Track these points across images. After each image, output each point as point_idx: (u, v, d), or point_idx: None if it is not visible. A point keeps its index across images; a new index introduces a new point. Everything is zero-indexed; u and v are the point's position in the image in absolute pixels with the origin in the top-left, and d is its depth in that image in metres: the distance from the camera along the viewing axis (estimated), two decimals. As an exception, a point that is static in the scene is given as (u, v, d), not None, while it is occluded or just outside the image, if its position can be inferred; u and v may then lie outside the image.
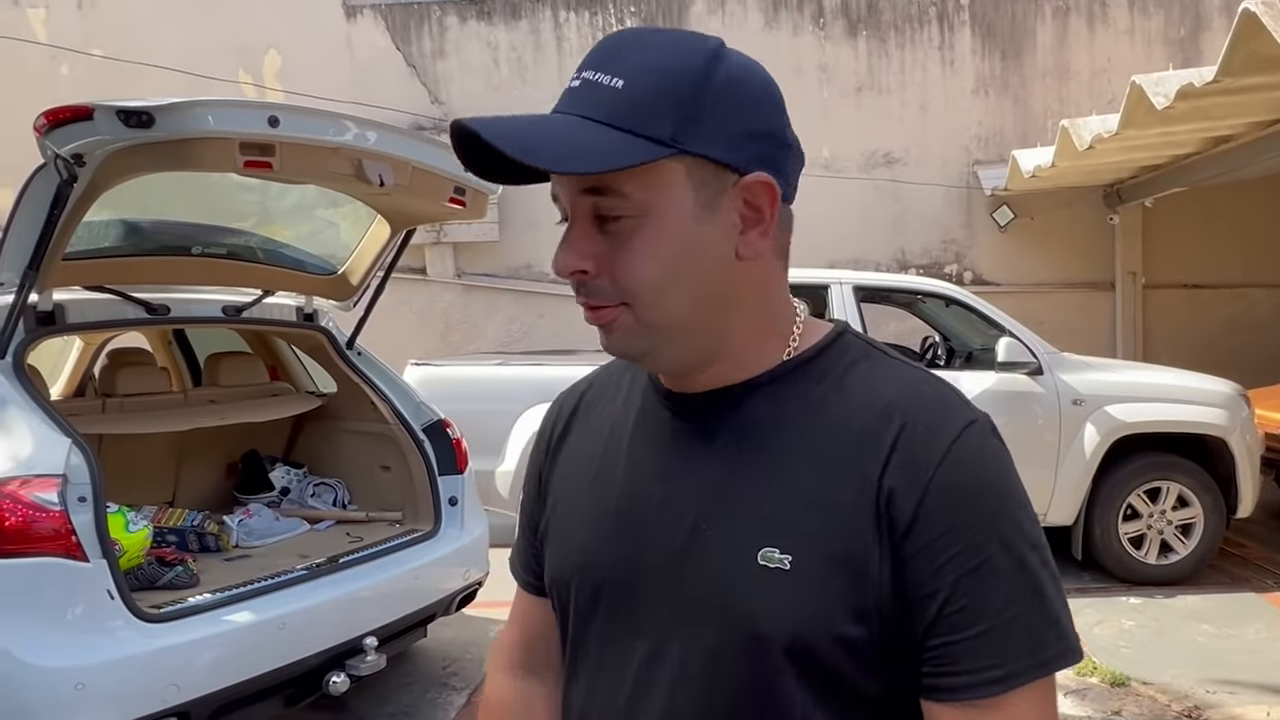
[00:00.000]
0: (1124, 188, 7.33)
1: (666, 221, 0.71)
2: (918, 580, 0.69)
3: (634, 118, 0.69)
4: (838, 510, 0.71)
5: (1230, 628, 4.16)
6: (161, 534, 3.27)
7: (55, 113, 2.30)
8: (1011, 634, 0.68)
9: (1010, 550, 0.69)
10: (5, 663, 2.33)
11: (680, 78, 0.70)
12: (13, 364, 2.65)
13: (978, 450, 0.72)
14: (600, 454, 0.85)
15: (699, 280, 0.73)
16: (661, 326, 0.73)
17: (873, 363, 0.78)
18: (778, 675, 0.71)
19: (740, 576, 0.72)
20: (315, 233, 3.67)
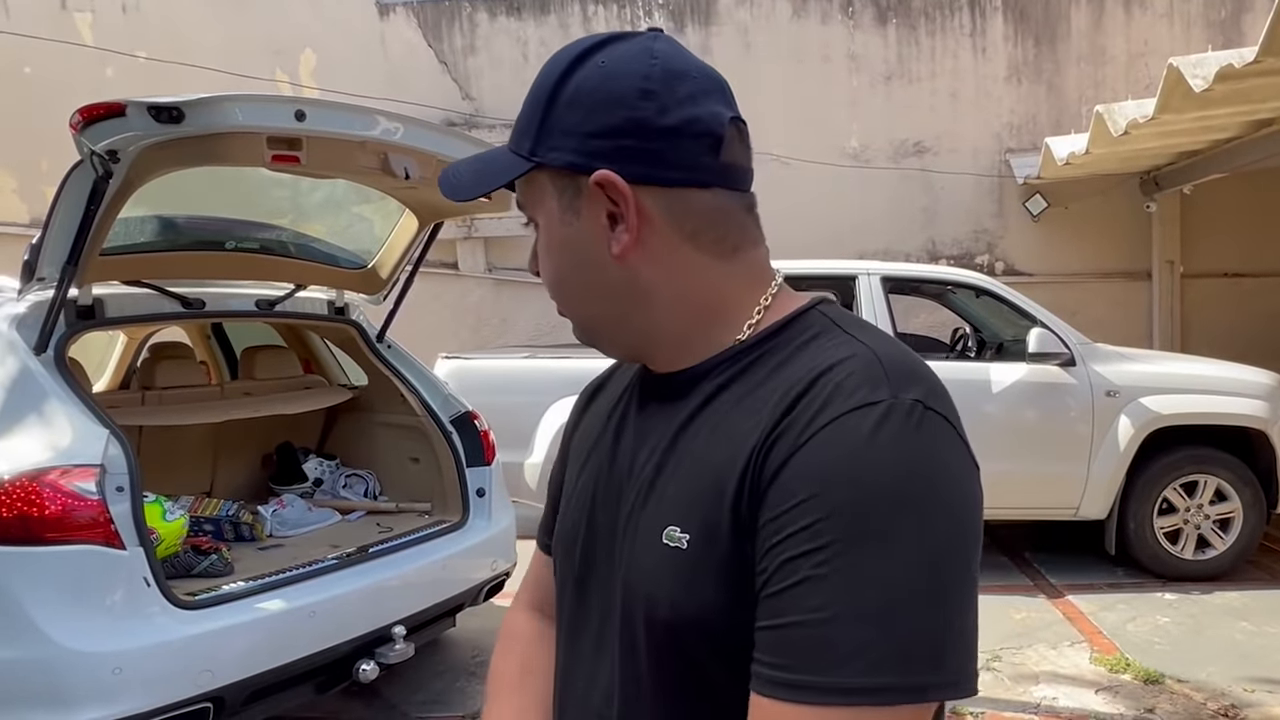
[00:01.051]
0: (1161, 174, 7.17)
1: (547, 229, 0.78)
2: (757, 553, 0.64)
3: (516, 139, 0.77)
4: (727, 485, 0.67)
5: (1270, 625, 4.08)
6: (198, 523, 3.34)
7: (89, 110, 2.35)
8: (819, 639, 0.59)
9: (864, 547, 0.59)
10: (46, 647, 2.40)
11: (539, 93, 0.75)
12: (54, 357, 2.72)
13: (874, 427, 0.62)
14: (598, 435, 0.88)
15: (582, 280, 0.77)
16: (579, 320, 0.81)
17: (828, 337, 0.72)
18: (685, 658, 0.69)
19: (649, 557, 0.72)
20: (345, 227, 3.72)
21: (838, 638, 0.58)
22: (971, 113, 7.78)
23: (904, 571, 0.59)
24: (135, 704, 2.46)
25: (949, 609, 0.60)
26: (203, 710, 2.61)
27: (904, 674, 0.58)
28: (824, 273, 5.23)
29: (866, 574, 0.59)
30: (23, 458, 2.52)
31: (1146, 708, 3.33)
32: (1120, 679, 3.56)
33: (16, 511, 2.44)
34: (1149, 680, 3.53)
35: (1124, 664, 3.66)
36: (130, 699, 2.46)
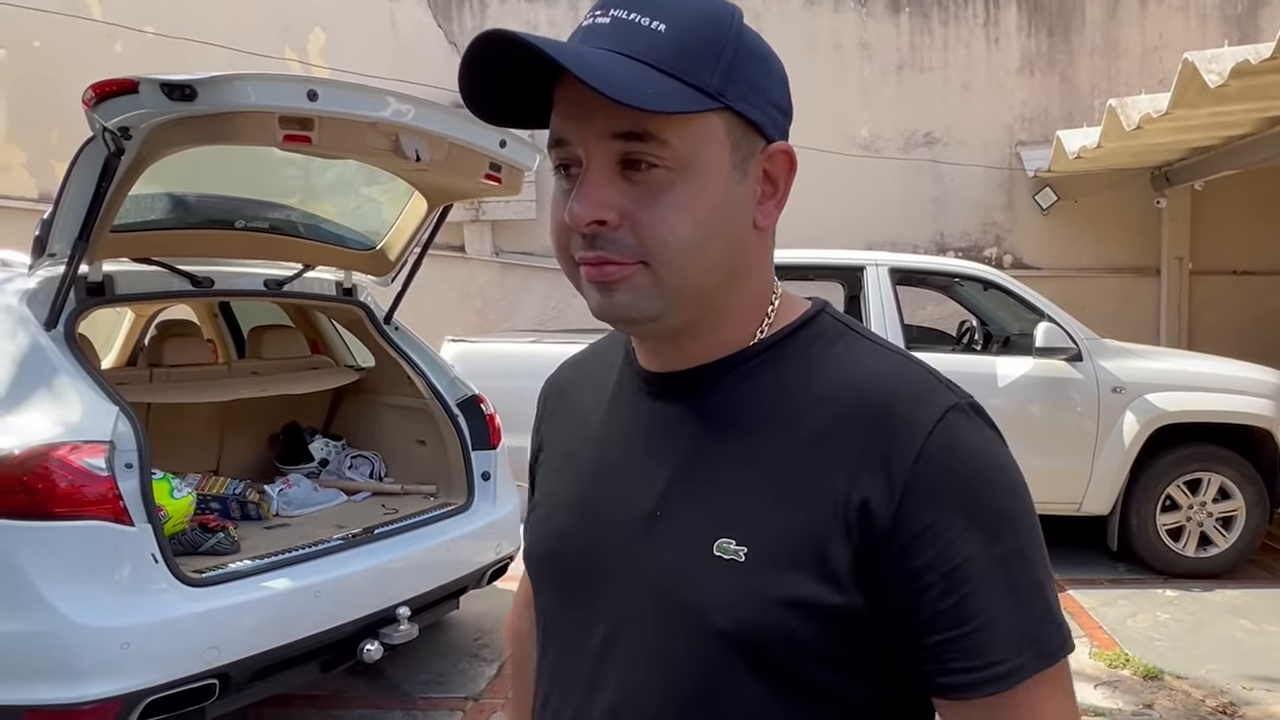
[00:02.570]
0: (1172, 170, 7.14)
1: (704, 178, 0.68)
2: (905, 576, 0.66)
3: (681, 64, 0.65)
4: (802, 501, 0.68)
5: (1270, 624, 4.09)
6: (205, 501, 3.35)
7: (102, 86, 2.34)
8: (1010, 626, 0.65)
9: (999, 540, 0.66)
10: (55, 621, 2.42)
11: (720, 30, 0.68)
12: (64, 333, 2.73)
13: (959, 437, 0.67)
14: (578, 434, 0.84)
15: (725, 244, 0.70)
16: (680, 290, 0.69)
17: (849, 344, 0.74)
18: (728, 667, 0.69)
19: (694, 565, 0.69)
20: (354, 208, 3.72)
21: (1022, 619, 0.66)
22: (983, 104, 7.74)
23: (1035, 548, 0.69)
24: (142, 679, 2.48)
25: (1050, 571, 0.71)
26: (208, 687, 2.63)
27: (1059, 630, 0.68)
28: (832, 263, 5.22)
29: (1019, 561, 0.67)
30: (33, 433, 2.53)
31: (1145, 704, 3.34)
32: (1120, 674, 3.58)
33: (26, 486, 2.45)
34: (1148, 676, 3.54)
35: (1124, 659, 3.67)
36: (137, 674, 2.48)
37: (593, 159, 0.68)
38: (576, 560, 0.78)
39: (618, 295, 0.69)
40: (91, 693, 2.44)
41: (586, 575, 0.77)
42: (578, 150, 0.68)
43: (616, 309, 0.70)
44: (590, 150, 0.68)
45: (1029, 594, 0.66)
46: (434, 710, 3.36)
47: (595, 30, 0.67)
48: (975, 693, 0.65)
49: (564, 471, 0.84)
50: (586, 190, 0.67)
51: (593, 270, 0.69)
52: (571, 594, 0.79)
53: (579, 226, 0.68)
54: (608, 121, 0.66)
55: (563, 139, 0.69)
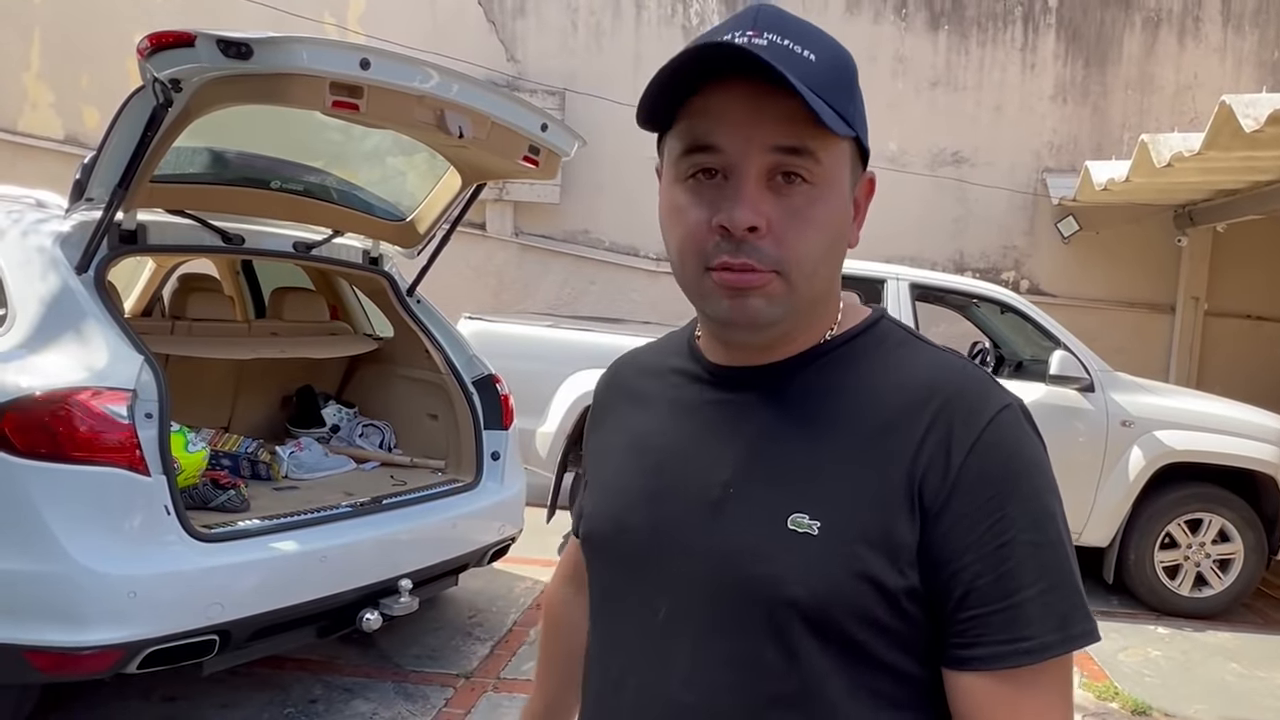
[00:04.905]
0: (1196, 210, 7.13)
1: (837, 197, 0.76)
2: (948, 555, 0.72)
3: (829, 92, 0.71)
4: (870, 483, 0.73)
5: (1260, 669, 4.10)
6: (217, 458, 3.36)
7: (159, 37, 2.34)
8: (1043, 609, 0.71)
9: (1040, 529, 0.72)
10: (65, 564, 2.43)
11: (850, 69, 0.77)
12: (94, 279, 2.74)
13: (1011, 434, 0.74)
14: (640, 423, 0.88)
15: (839, 259, 0.79)
16: (804, 298, 0.76)
17: (912, 348, 0.81)
18: (798, 637, 0.73)
19: (768, 540, 0.74)
20: (388, 178, 3.72)
21: (1056, 603, 0.72)
22: (1013, 127, 7.73)
23: (1064, 535, 0.75)
24: (146, 629, 2.50)
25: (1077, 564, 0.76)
26: (208, 642, 2.65)
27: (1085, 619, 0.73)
28: (853, 273, 5.21)
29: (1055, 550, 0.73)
30: (56, 375, 2.54)
31: (1132, 737, 3.37)
32: (1108, 707, 3.60)
33: (47, 427, 2.46)
34: (1137, 711, 3.56)
35: (1113, 692, 3.69)
36: (142, 623, 2.50)
37: (749, 168, 0.72)
38: (645, 538, 0.82)
39: (752, 301, 0.74)
40: (94, 638, 2.45)
41: (654, 552, 0.81)
42: (732, 158, 0.73)
43: (749, 313, 0.75)
44: (748, 159, 0.72)
45: (1061, 581, 0.72)
46: (425, 685, 3.37)
47: (754, 49, 0.70)
48: (1002, 664, 0.71)
49: (626, 458, 0.87)
50: (747, 196, 0.72)
51: (732, 276, 0.74)
52: (637, 570, 0.82)
53: (738, 230, 0.72)
54: (774, 133, 0.71)
55: (715, 146, 0.73)
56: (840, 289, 0.83)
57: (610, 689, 0.84)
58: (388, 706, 3.20)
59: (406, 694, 3.29)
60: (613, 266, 7.69)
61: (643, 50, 7.59)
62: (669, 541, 0.80)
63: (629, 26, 7.64)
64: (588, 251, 7.67)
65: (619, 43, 7.62)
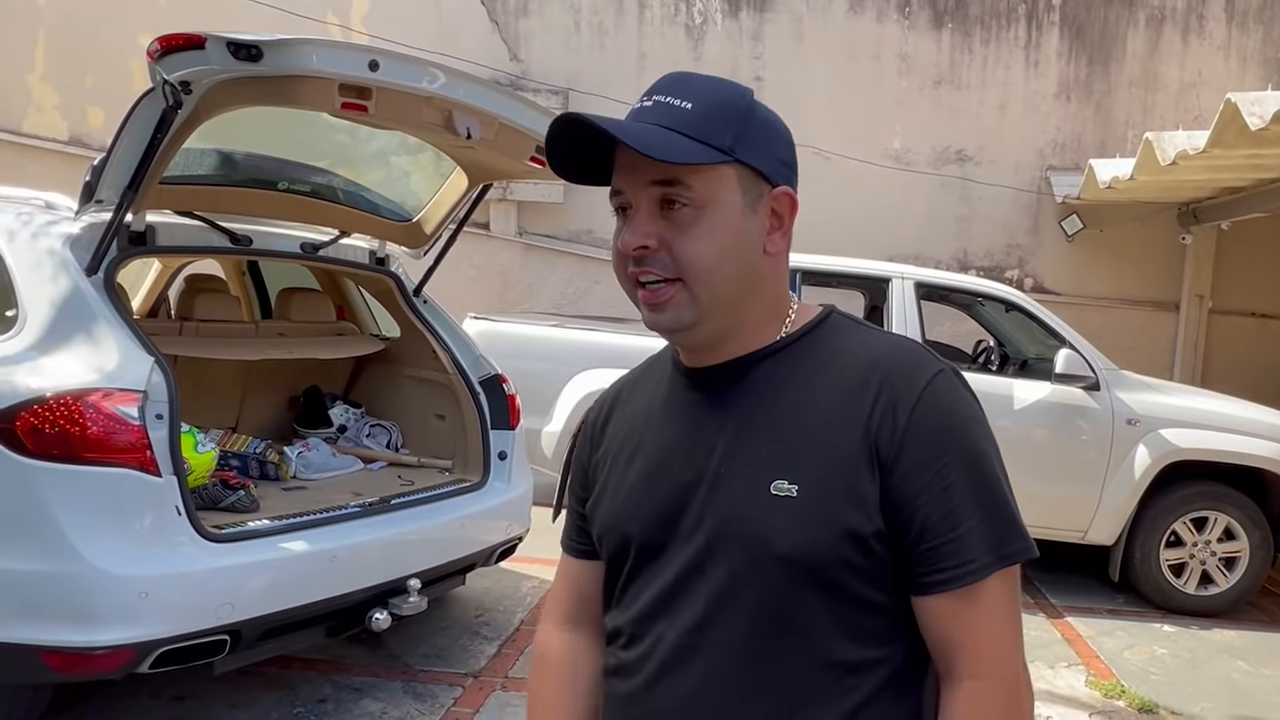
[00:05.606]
0: (1201, 208, 7.12)
1: (721, 213, 0.90)
2: (904, 498, 0.87)
3: (703, 131, 0.88)
4: (834, 448, 0.88)
5: (1266, 668, 4.11)
6: (226, 458, 3.38)
7: (169, 39, 2.35)
8: (981, 536, 0.87)
9: (975, 469, 0.88)
10: (77, 564, 2.44)
11: (735, 106, 0.92)
12: (104, 280, 2.74)
13: (945, 393, 0.90)
14: (639, 432, 1.02)
15: (739, 264, 0.91)
16: (708, 301, 0.90)
17: (857, 333, 0.97)
18: (786, 584, 0.88)
19: (756, 504, 0.89)
20: (394, 179, 3.73)
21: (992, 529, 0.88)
22: (1017, 126, 7.72)
23: (1002, 476, 0.91)
24: (157, 629, 2.51)
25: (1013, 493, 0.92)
26: (219, 642, 2.65)
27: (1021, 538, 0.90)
28: (859, 272, 5.23)
29: (989, 485, 0.89)
30: (67, 376, 2.55)
31: (1139, 735, 3.37)
32: (1115, 705, 3.60)
33: (58, 429, 2.47)
34: (1143, 709, 3.56)
35: (1119, 690, 3.69)
36: (153, 624, 2.50)
37: (639, 202, 0.91)
38: (653, 521, 0.96)
39: (665, 312, 0.91)
40: (107, 638, 2.46)
41: (662, 530, 0.95)
42: (629, 196, 0.92)
43: (664, 321, 0.92)
44: (637, 196, 0.91)
45: (997, 511, 0.89)
46: (433, 684, 3.38)
47: (642, 110, 0.91)
48: (954, 585, 0.86)
49: (630, 460, 1.01)
50: (635, 224, 0.91)
51: (647, 295, 0.92)
52: (649, 550, 0.96)
53: (628, 251, 0.91)
54: (650, 173, 0.89)
55: (618, 189, 0.92)
56: (783, 295, 0.97)
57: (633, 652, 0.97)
58: (396, 706, 3.21)
59: (415, 693, 3.31)
60: (617, 266, 7.69)
61: (646, 49, 7.60)
62: (673, 519, 0.94)
63: (632, 26, 7.64)
64: (592, 251, 7.68)
65: (622, 42, 7.62)
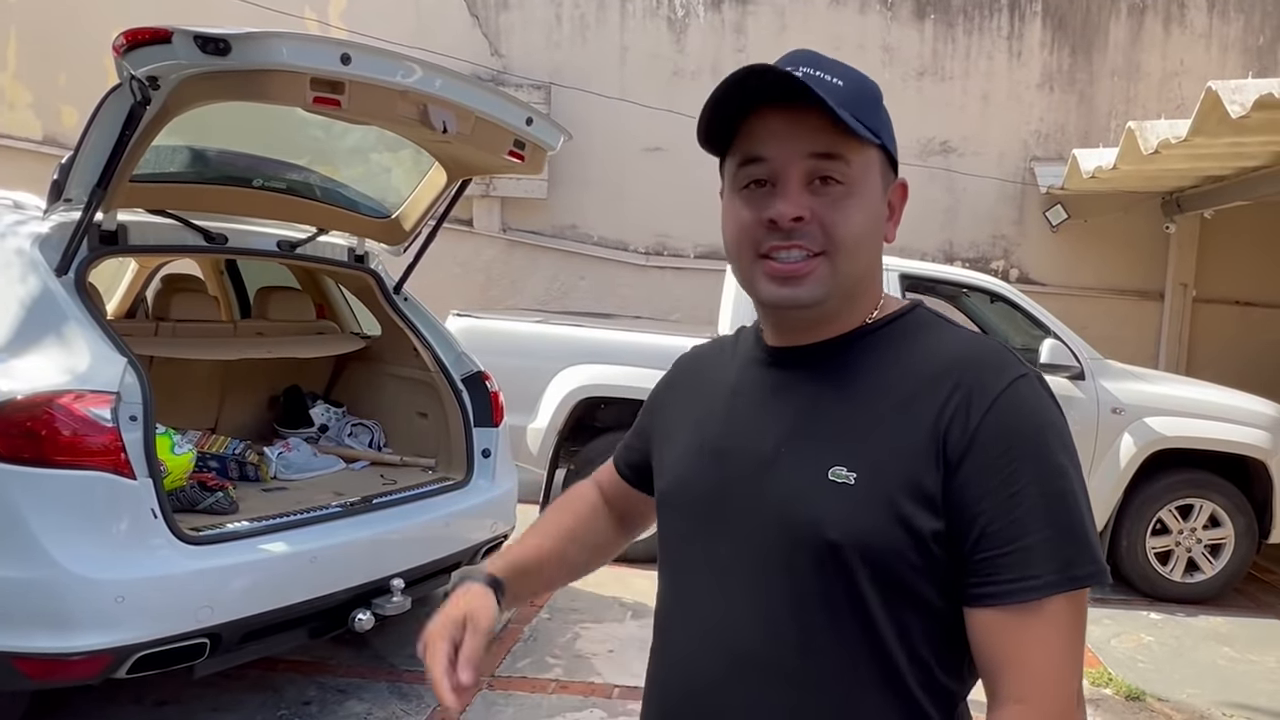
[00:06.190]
0: (1184, 196, 7.15)
1: (869, 193, 0.91)
2: (966, 502, 0.83)
3: (858, 109, 0.88)
4: (900, 440, 0.86)
5: (1252, 653, 4.12)
6: (204, 459, 3.33)
7: (134, 34, 2.31)
8: (1048, 552, 0.81)
9: (1048, 482, 0.83)
10: (51, 570, 2.40)
11: (874, 90, 0.94)
12: (75, 281, 2.70)
13: (1025, 398, 0.86)
14: (706, 401, 1.03)
15: (875, 245, 0.94)
16: (848, 275, 0.90)
17: (942, 329, 0.95)
18: (839, 574, 0.86)
19: (812, 489, 0.87)
20: (372, 175, 3.69)
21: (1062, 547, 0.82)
22: (1001, 116, 7.73)
23: (1079, 490, 0.85)
24: (135, 633, 2.47)
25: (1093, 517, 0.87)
26: (199, 646, 2.62)
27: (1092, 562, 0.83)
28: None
29: (1062, 498, 0.83)
30: (38, 378, 2.50)
31: (1126, 723, 3.37)
32: (1102, 693, 3.60)
33: (29, 431, 2.43)
34: (1130, 696, 3.57)
35: (1106, 678, 3.70)
36: (130, 628, 2.47)
37: (791, 173, 0.89)
38: (712, 492, 0.96)
39: (802, 286, 0.90)
40: (82, 644, 2.43)
41: (719, 505, 0.95)
42: (776, 165, 0.89)
43: (800, 295, 0.90)
44: (790, 166, 0.88)
45: (1069, 527, 0.82)
46: (419, 684, 3.35)
47: (790, 78, 0.86)
48: (1008, 600, 0.81)
49: (694, 430, 1.02)
50: (788, 194, 0.89)
51: (782, 268, 0.90)
52: (705, 521, 0.96)
53: (784, 221, 0.88)
54: (811, 142, 0.88)
55: (762, 157, 0.90)
56: (880, 283, 0.98)
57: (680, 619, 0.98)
58: (382, 706, 3.18)
59: (401, 694, 3.28)
60: (602, 261, 7.66)
61: (628, 43, 7.56)
62: (731, 495, 0.94)
63: (614, 19, 7.60)
64: (576, 246, 7.64)
65: (604, 36, 7.58)
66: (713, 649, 0.92)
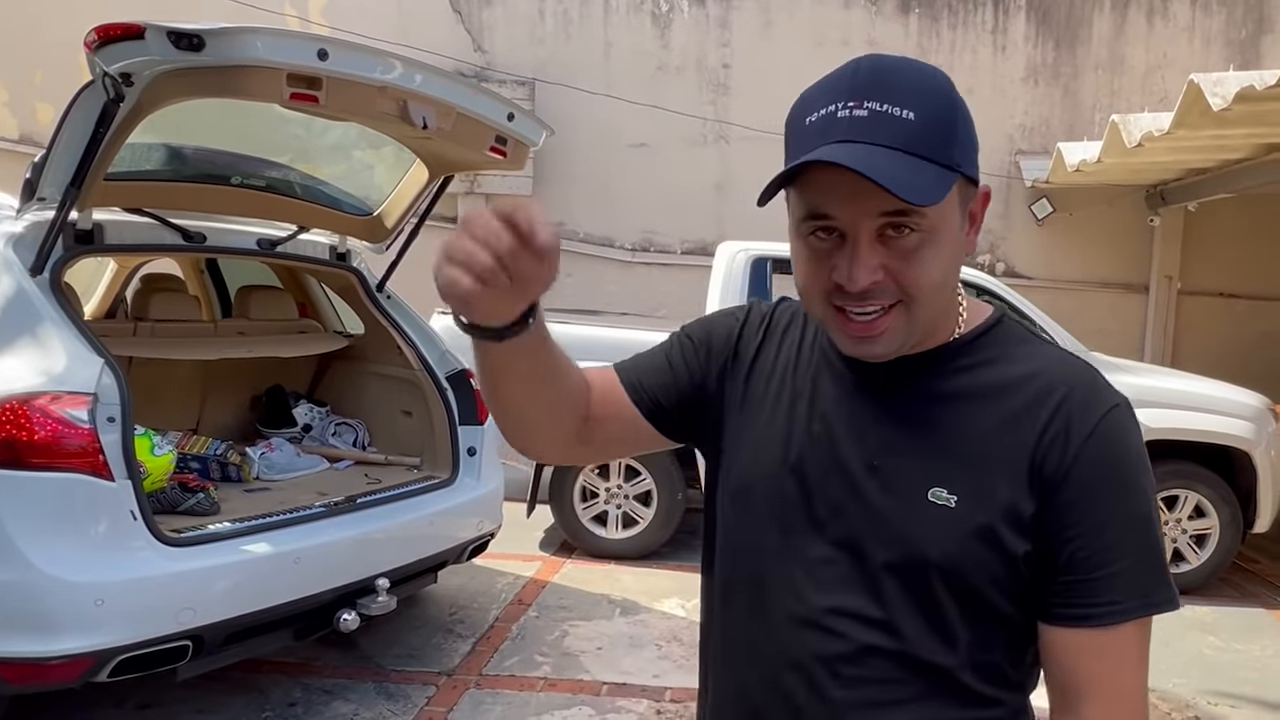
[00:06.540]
0: (1168, 189, 7.17)
1: (945, 235, 0.85)
2: (1060, 527, 0.85)
3: (931, 148, 0.80)
4: (998, 463, 0.87)
5: (1237, 642, 4.15)
6: (185, 460, 3.30)
7: (106, 29, 2.28)
8: (1130, 580, 0.85)
9: (1134, 512, 0.86)
10: (29, 573, 2.38)
11: (950, 108, 0.84)
12: (50, 280, 2.67)
13: (1119, 429, 0.87)
14: (786, 385, 0.98)
15: (954, 278, 0.89)
16: (926, 321, 0.88)
17: (1033, 345, 0.94)
18: (931, 588, 0.88)
19: (912, 508, 0.88)
20: (354, 173, 3.66)
21: (1143, 575, 0.86)
22: (985, 110, 7.72)
23: (1156, 521, 0.88)
24: (115, 636, 2.46)
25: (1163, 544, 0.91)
26: (181, 648, 2.61)
27: (1166, 589, 0.87)
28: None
29: (1146, 529, 0.87)
30: (13, 380, 2.48)
31: (1113, 714, 3.38)
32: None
33: (4, 434, 2.40)
34: (1117, 687, 3.57)
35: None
36: (110, 631, 2.45)
37: (860, 233, 0.83)
38: (794, 491, 0.94)
39: (878, 344, 0.87)
40: (62, 648, 2.41)
41: (806, 507, 0.93)
42: (843, 224, 0.83)
43: (875, 351, 0.88)
44: (859, 227, 0.83)
45: (1148, 557, 0.86)
46: (407, 684, 3.34)
47: (856, 123, 0.80)
48: (1095, 622, 0.85)
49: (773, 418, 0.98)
50: (859, 259, 0.83)
51: (858, 327, 0.86)
52: (788, 521, 0.94)
53: (856, 289, 0.83)
54: (878, 204, 0.81)
55: (828, 214, 0.83)
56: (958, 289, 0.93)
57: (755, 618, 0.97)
58: (368, 707, 3.16)
59: (388, 694, 3.26)
60: (588, 258, 7.63)
61: (612, 38, 7.53)
62: (821, 499, 0.92)
63: (598, 15, 7.57)
64: (562, 243, 7.51)
65: (588, 31, 7.55)
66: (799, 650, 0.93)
